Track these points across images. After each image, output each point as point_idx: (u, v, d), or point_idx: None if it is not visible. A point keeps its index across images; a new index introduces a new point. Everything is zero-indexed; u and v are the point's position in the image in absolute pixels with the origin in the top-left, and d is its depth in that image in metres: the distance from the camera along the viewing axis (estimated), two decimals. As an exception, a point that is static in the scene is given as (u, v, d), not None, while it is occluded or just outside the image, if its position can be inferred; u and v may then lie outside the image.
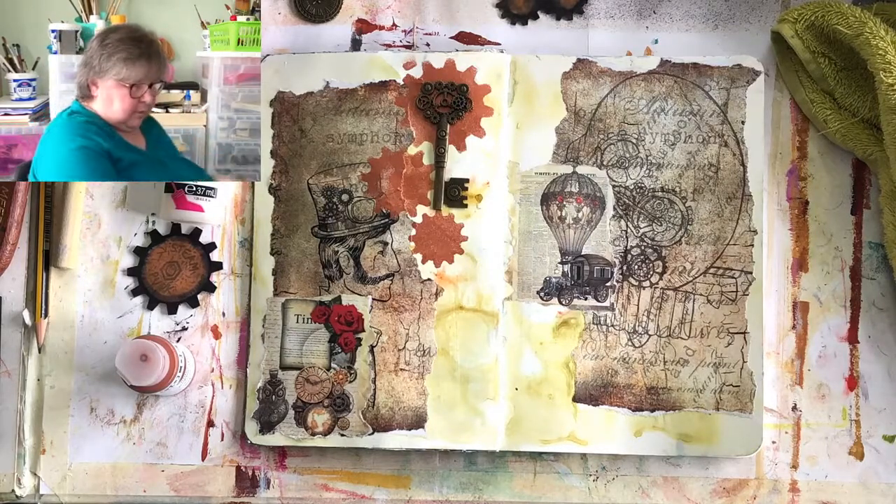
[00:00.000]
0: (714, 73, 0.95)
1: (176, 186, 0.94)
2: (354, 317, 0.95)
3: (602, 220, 0.95)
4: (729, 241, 0.94)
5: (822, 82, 0.94)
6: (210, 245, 0.97)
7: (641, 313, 0.94)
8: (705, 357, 0.93)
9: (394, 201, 0.96)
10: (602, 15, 0.98)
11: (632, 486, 0.94)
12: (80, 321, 0.97)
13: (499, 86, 0.96)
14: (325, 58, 0.97)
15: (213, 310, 0.97)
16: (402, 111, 0.96)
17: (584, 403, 0.93)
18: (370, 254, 0.96)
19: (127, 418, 0.96)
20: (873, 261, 0.95)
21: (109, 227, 0.98)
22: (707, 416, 0.92)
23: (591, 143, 0.95)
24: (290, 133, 0.97)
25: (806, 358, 0.94)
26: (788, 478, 0.93)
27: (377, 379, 0.94)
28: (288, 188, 0.97)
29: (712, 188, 0.94)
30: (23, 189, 0.96)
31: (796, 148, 0.96)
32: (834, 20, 0.90)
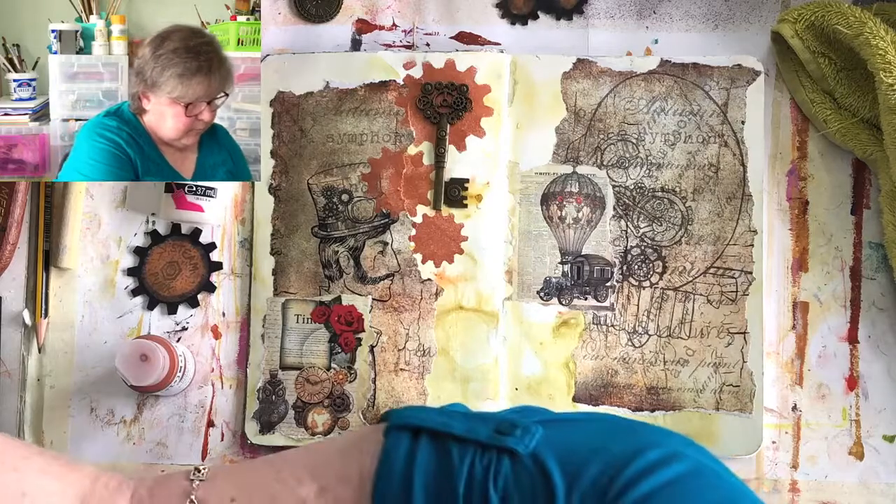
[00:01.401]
0: (714, 73, 0.95)
1: (176, 186, 0.94)
2: (354, 317, 0.95)
3: (602, 220, 0.95)
4: (729, 241, 0.94)
5: (822, 82, 0.93)
6: (210, 245, 0.97)
7: (641, 313, 0.94)
8: (705, 357, 0.93)
9: (394, 201, 0.96)
10: (602, 15, 0.98)
11: (632, 486, 0.94)
12: (80, 321, 0.97)
13: (499, 86, 0.96)
14: (325, 58, 0.97)
15: (213, 310, 0.97)
16: (402, 111, 0.96)
17: (584, 403, 0.93)
18: (370, 254, 0.96)
19: (127, 418, 0.96)
20: (873, 261, 0.95)
21: (109, 227, 0.98)
22: (707, 416, 0.92)
23: (591, 143, 0.95)
24: (290, 133, 0.97)
25: (806, 358, 0.94)
26: (788, 478, 0.93)
27: (377, 379, 0.94)
28: (288, 188, 0.97)
29: (712, 188, 0.94)
30: (23, 189, 0.96)
31: (796, 148, 0.96)
32: (834, 20, 0.90)
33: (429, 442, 0.66)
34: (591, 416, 0.72)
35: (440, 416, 0.67)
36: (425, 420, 0.67)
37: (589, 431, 0.66)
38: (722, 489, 0.62)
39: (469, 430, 0.65)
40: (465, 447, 0.65)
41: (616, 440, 0.64)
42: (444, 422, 0.66)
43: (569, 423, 0.68)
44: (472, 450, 0.64)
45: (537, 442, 0.64)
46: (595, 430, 0.67)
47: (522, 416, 0.68)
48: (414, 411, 0.69)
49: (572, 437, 0.65)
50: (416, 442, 0.66)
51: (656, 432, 0.67)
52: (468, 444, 0.65)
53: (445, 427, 0.66)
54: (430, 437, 0.66)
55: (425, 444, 0.65)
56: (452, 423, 0.66)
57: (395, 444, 0.66)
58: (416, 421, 0.67)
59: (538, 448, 0.64)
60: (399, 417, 0.68)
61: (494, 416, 0.68)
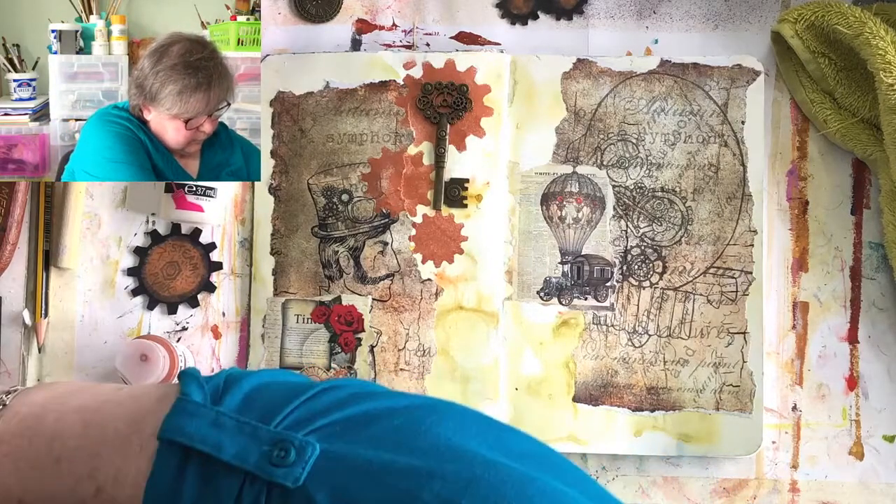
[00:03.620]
0: (714, 73, 0.95)
1: (176, 186, 0.94)
2: (354, 317, 0.95)
3: (602, 220, 0.95)
4: (729, 241, 0.94)
5: (822, 82, 0.93)
6: (210, 245, 0.97)
7: (641, 313, 0.94)
8: (705, 357, 0.93)
9: (394, 201, 0.96)
10: (602, 15, 0.98)
11: (632, 486, 0.94)
12: (80, 321, 0.97)
13: (499, 86, 0.96)
14: (325, 58, 0.97)
15: (213, 310, 0.97)
16: (402, 111, 0.96)
17: (583, 403, 0.93)
18: (370, 254, 0.96)
19: (127, 418, 0.96)
20: (873, 261, 0.95)
21: (109, 227, 0.98)
22: (707, 416, 0.92)
23: (591, 143, 0.95)
24: (290, 133, 0.97)
25: (806, 358, 0.94)
26: (788, 478, 0.93)
27: (377, 379, 0.94)
28: (288, 188, 0.97)
29: (712, 188, 0.94)
30: (23, 189, 0.96)
31: (796, 148, 0.96)
32: (834, 20, 0.90)
33: (196, 468, 0.60)
34: (392, 408, 0.63)
35: (212, 431, 0.61)
36: (194, 438, 0.61)
37: (377, 440, 0.60)
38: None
39: (238, 454, 0.60)
40: (232, 477, 0.59)
41: (400, 456, 0.58)
42: (215, 442, 0.60)
43: (360, 426, 0.61)
44: (240, 480, 0.59)
45: (310, 470, 0.58)
46: (385, 437, 0.60)
47: (311, 413, 0.62)
48: (187, 418, 0.61)
49: (355, 456, 0.59)
50: (185, 465, 0.60)
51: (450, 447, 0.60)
52: (236, 474, 0.59)
53: (215, 451, 0.60)
54: (200, 460, 0.60)
55: (193, 470, 0.60)
56: (223, 441, 0.60)
57: (164, 463, 0.61)
58: (184, 439, 0.61)
59: (309, 481, 0.58)
60: (170, 427, 0.61)
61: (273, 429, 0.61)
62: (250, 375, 0.65)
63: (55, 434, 0.64)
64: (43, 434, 0.64)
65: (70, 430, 0.64)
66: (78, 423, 0.64)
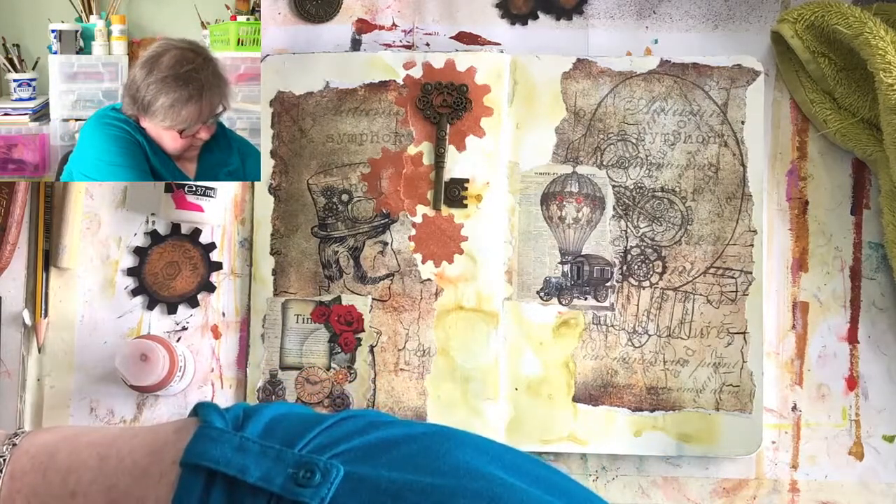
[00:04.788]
0: (714, 73, 0.95)
1: (176, 186, 0.94)
2: (354, 317, 0.95)
3: (602, 220, 0.95)
4: (729, 241, 0.94)
5: (822, 82, 0.93)
6: (210, 245, 0.97)
7: (641, 313, 0.94)
8: (705, 357, 0.93)
9: (394, 201, 0.96)
10: (602, 15, 0.98)
11: (632, 487, 0.94)
12: (80, 321, 0.97)
13: (499, 86, 0.96)
14: (325, 58, 0.97)
15: (213, 310, 0.97)
16: (402, 111, 0.96)
17: (583, 403, 0.93)
18: (370, 254, 0.96)
19: (127, 418, 0.96)
20: (873, 261, 0.95)
21: (109, 227, 0.98)
22: (707, 416, 0.92)
23: (590, 143, 0.95)
24: (290, 133, 0.97)
25: (806, 358, 0.94)
26: (788, 478, 0.93)
27: (377, 379, 0.94)
28: (288, 188, 0.97)
29: (712, 188, 0.94)
30: (23, 189, 0.96)
31: (796, 148, 0.96)
32: (834, 20, 0.90)
33: (222, 492, 0.60)
34: (410, 435, 0.64)
35: (237, 455, 0.61)
36: (219, 462, 0.61)
37: (399, 463, 0.61)
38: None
39: (264, 476, 0.60)
40: (259, 498, 0.60)
41: (423, 477, 0.59)
42: (240, 465, 0.61)
43: (380, 451, 0.62)
44: (265, 501, 0.60)
45: (335, 491, 0.59)
46: (406, 460, 0.61)
47: (332, 439, 0.63)
48: (210, 444, 0.62)
49: (379, 477, 0.60)
50: (210, 488, 0.61)
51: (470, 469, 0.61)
52: (262, 495, 0.60)
53: (240, 473, 0.60)
54: (225, 483, 0.61)
55: (218, 494, 0.60)
56: (248, 464, 0.61)
57: (188, 488, 0.61)
58: (209, 463, 0.61)
59: (335, 501, 0.59)
60: (194, 453, 0.62)
61: (295, 452, 0.62)
62: (268, 406, 0.66)
63: (70, 468, 0.64)
64: (57, 469, 0.64)
65: (85, 464, 0.64)
66: (93, 457, 0.64)
